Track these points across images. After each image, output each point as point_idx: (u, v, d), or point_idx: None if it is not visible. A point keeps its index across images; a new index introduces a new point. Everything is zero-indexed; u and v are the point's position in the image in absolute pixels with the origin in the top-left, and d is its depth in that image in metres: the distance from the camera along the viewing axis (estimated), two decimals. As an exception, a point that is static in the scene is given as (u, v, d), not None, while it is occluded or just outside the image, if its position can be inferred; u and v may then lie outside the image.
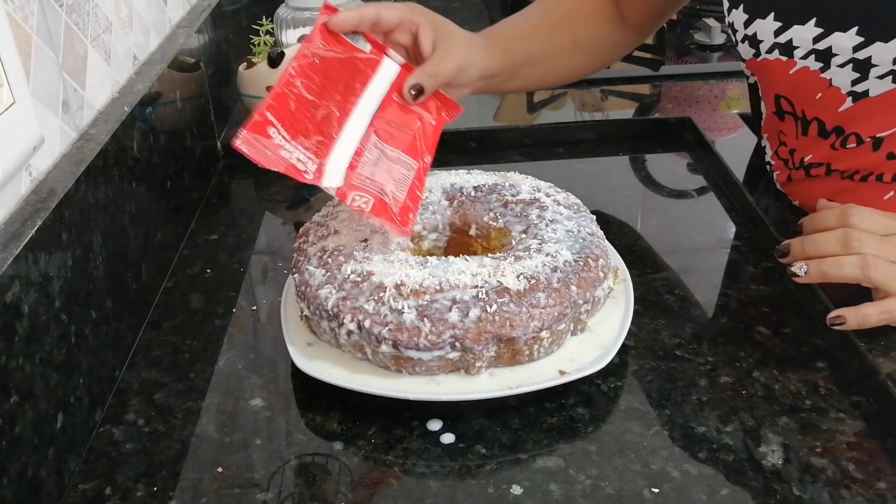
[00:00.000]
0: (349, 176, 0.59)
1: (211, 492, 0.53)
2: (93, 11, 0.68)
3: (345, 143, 0.60)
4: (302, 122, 0.59)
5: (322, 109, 0.60)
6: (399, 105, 0.64)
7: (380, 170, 0.60)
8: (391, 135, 0.62)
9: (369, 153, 0.61)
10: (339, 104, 0.61)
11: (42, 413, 0.51)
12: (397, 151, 0.62)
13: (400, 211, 0.60)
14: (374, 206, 0.59)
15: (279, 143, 0.57)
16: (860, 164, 0.68)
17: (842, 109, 0.66)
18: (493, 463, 0.55)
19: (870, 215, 0.60)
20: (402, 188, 0.61)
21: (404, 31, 0.66)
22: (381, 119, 0.63)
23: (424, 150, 0.64)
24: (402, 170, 0.61)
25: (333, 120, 0.60)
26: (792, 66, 0.67)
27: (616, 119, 1.02)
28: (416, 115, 0.65)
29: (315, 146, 0.59)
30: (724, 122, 1.00)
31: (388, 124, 0.63)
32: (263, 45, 0.97)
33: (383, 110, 0.63)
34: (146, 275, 0.70)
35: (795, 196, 0.77)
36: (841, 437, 0.56)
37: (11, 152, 0.52)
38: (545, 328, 0.57)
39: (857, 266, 0.58)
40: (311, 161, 0.58)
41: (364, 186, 0.59)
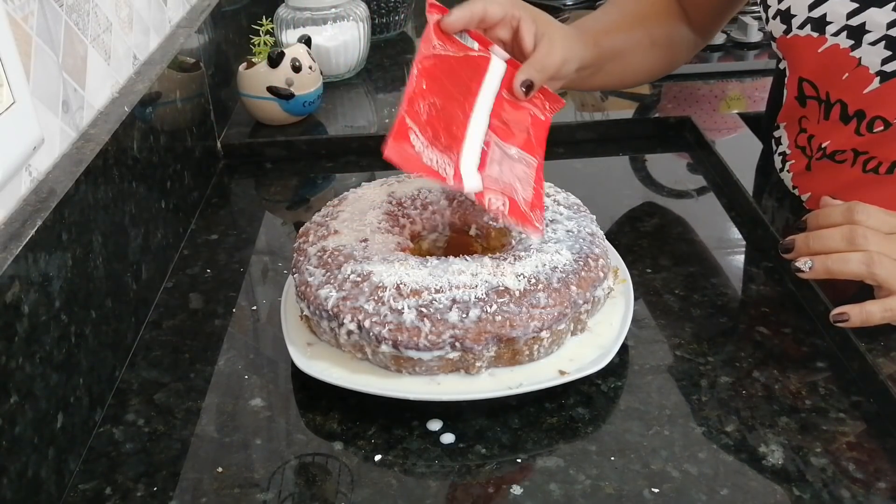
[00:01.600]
0: (482, 179, 0.58)
1: (211, 492, 0.53)
2: (93, 11, 0.68)
3: (471, 144, 0.59)
4: (432, 124, 0.58)
5: (446, 110, 0.59)
6: (509, 102, 0.63)
7: (505, 169, 0.60)
8: (508, 132, 0.62)
9: (493, 153, 0.60)
10: (460, 104, 0.60)
11: (42, 413, 0.51)
12: (516, 149, 0.61)
13: (532, 208, 0.59)
14: (510, 207, 0.58)
15: (420, 149, 0.56)
16: (884, 155, 0.67)
17: (867, 91, 0.65)
18: (493, 463, 0.55)
19: (875, 213, 0.60)
20: (527, 187, 0.60)
21: (506, 26, 0.66)
22: (496, 117, 0.62)
23: (539, 147, 0.63)
24: (524, 168, 0.61)
25: (458, 120, 0.59)
26: (822, 43, 0.67)
27: (616, 119, 1.02)
28: (527, 111, 0.64)
29: (445, 148, 0.58)
30: (724, 122, 1.00)
31: (504, 122, 0.62)
32: (263, 45, 0.97)
33: (498, 108, 0.62)
34: (146, 275, 0.70)
35: (807, 188, 0.77)
36: (841, 437, 0.56)
37: (11, 152, 0.52)
38: (545, 328, 0.57)
39: (861, 263, 0.58)
40: (448, 164, 0.57)
41: (495, 187, 0.58)
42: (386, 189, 0.70)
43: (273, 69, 0.95)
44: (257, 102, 0.97)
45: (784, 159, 0.80)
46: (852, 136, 0.68)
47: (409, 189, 0.70)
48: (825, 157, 0.72)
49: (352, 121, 1.02)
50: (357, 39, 1.11)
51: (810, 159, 0.75)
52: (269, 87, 0.95)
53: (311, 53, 1.00)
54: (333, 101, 1.07)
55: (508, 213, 0.58)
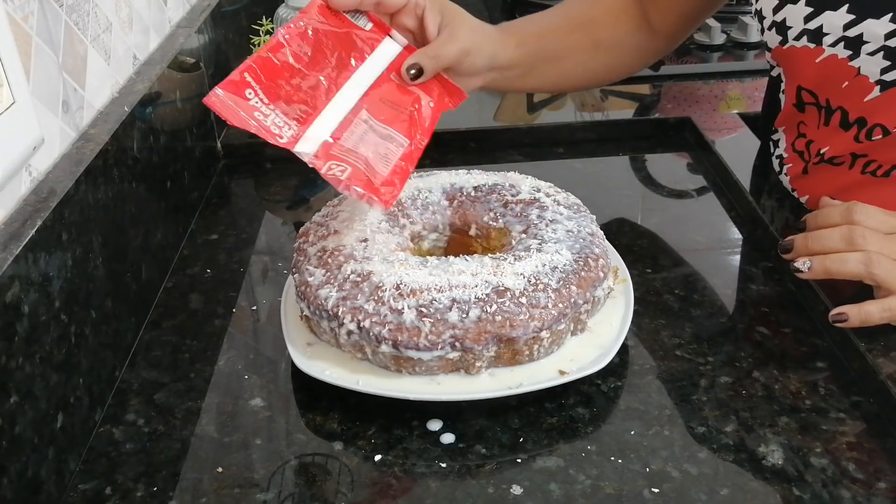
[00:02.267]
0: (329, 146, 0.58)
1: (211, 492, 0.53)
2: (93, 11, 0.68)
3: (330, 115, 0.60)
4: (285, 88, 0.58)
5: (310, 79, 0.59)
6: (397, 85, 0.63)
7: (365, 144, 0.60)
8: (383, 112, 0.62)
9: (356, 127, 0.60)
10: (329, 76, 0.60)
11: (42, 413, 0.51)
12: (388, 128, 0.61)
13: (381, 183, 0.58)
14: (350, 174, 0.57)
15: (255, 104, 0.57)
16: (885, 158, 0.67)
17: (867, 99, 0.65)
18: (493, 463, 0.55)
19: (874, 213, 0.60)
20: (386, 163, 0.60)
21: (410, 14, 0.65)
22: (374, 96, 0.62)
23: (419, 131, 0.62)
24: (389, 146, 0.60)
25: (321, 91, 0.60)
26: (819, 53, 0.66)
27: (616, 119, 1.02)
28: (414, 96, 0.64)
29: (298, 114, 0.58)
30: (724, 122, 1.00)
31: (382, 101, 0.62)
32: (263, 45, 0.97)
33: (378, 87, 0.62)
34: (146, 275, 0.70)
35: (806, 191, 0.77)
36: (841, 437, 0.56)
37: (11, 152, 0.51)
38: (545, 328, 0.57)
39: (860, 263, 0.58)
40: (289, 127, 0.58)
41: (343, 157, 0.58)
42: (386, 189, 0.70)
43: (273, 69, 0.95)
44: (257, 102, 0.97)
45: (781, 162, 0.80)
46: (852, 143, 0.68)
47: (409, 189, 0.70)
48: (823, 161, 0.72)
49: (352, 121, 1.02)
50: (357, 39, 1.11)
51: (807, 163, 0.75)
52: None
53: (311, 53, 0.99)
54: (333, 101, 1.07)
55: (346, 179, 0.57)
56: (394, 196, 0.58)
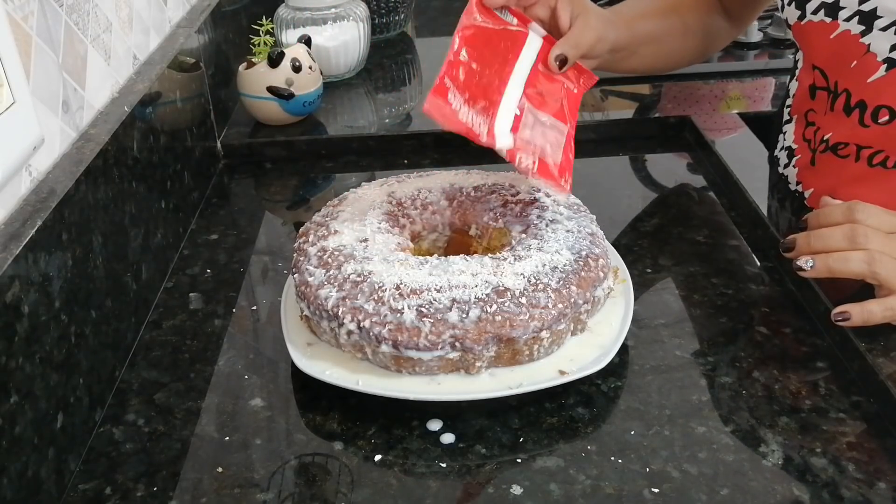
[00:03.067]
0: (515, 140, 0.63)
1: (211, 492, 0.53)
2: (93, 11, 0.68)
3: (506, 108, 0.64)
4: (470, 87, 0.62)
5: (484, 77, 0.64)
6: (544, 75, 0.68)
7: (536, 134, 0.65)
8: (542, 102, 0.67)
9: (526, 118, 0.65)
10: (497, 72, 0.65)
11: (42, 413, 0.51)
12: (549, 116, 0.67)
13: (559, 172, 0.65)
14: (538, 166, 0.63)
15: (456, 107, 0.61)
16: (893, 148, 0.67)
17: (871, 80, 0.66)
18: (493, 463, 0.55)
19: (876, 212, 0.60)
20: (557, 150, 0.66)
21: (544, 6, 0.70)
22: (531, 87, 0.67)
23: (570, 116, 0.69)
24: (555, 133, 0.66)
25: (494, 87, 0.64)
26: (834, 28, 0.68)
27: (616, 119, 1.02)
28: (560, 84, 0.69)
29: (482, 109, 0.62)
30: (724, 122, 1.00)
31: (538, 92, 0.67)
32: (263, 45, 0.97)
33: (533, 80, 0.67)
34: (146, 275, 0.70)
35: (811, 184, 0.77)
36: (841, 437, 0.56)
37: (11, 152, 0.51)
38: (545, 328, 0.57)
39: (862, 262, 0.58)
40: (483, 124, 0.62)
41: (527, 149, 0.64)
42: (386, 189, 0.70)
43: (273, 69, 0.95)
44: (257, 102, 0.97)
45: (790, 153, 0.80)
46: (855, 128, 0.69)
47: (409, 189, 0.70)
48: (828, 149, 0.72)
49: (352, 121, 1.02)
50: (357, 39, 1.11)
51: (814, 153, 0.75)
52: (269, 87, 0.95)
53: (311, 53, 1.00)
54: (333, 101, 1.07)
55: (537, 171, 0.63)
56: (570, 182, 0.66)
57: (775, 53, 1.18)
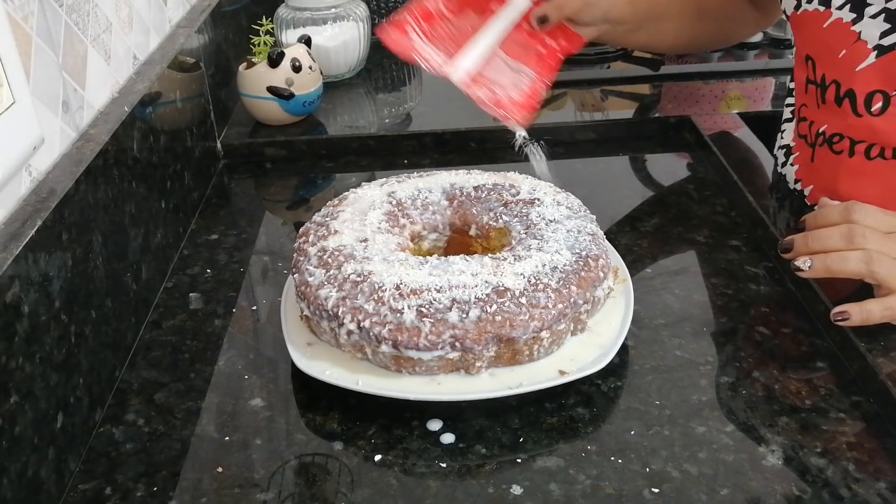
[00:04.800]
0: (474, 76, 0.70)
1: (211, 492, 0.53)
2: (93, 11, 0.68)
3: (474, 52, 0.70)
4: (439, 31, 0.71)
5: (457, 24, 0.71)
6: (528, 31, 0.74)
7: (503, 76, 0.71)
8: (516, 53, 0.73)
9: (495, 63, 0.72)
10: (472, 22, 0.72)
11: (42, 413, 0.51)
12: (519, 64, 0.73)
13: (515, 105, 0.70)
14: (492, 99, 0.69)
15: (416, 39, 0.69)
16: (887, 140, 0.67)
17: (860, 68, 0.67)
18: (493, 463, 0.55)
19: (872, 212, 0.60)
20: (518, 90, 0.72)
21: None
22: (508, 39, 0.73)
23: (547, 68, 0.74)
24: (522, 78, 0.72)
25: (468, 34, 0.71)
26: (827, 17, 0.68)
27: (616, 119, 1.02)
28: (540, 40, 0.75)
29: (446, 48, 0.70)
30: (724, 122, 1.00)
31: (515, 44, 0.73)
32: (263, 45, 0.97)
33: (514, 34, 0.73)
34: (146, 275, 0.70)
35: (810, 181, 0.77)
36: (841, 437, 0.56)
37: (11, 152, 0.51)
38: (545, 328, 0.57)
39: (861, 261, 0.58)
40: (441, 57, 0.69)
41: (485, 84, 0.70)
42: (386, 189, 0.70)
43: (273, 69, 0.95)
44: (257, 102, 0.97)
45: (788, 152, 0.81)
46: (847, 118, 0.69)
47: (409, 189, 0.70)
48: (825, 142, 0.73)
49: (352, 121, 1.02)
50: (357, 39, 1.11)
51: (813, 148, 0.75)
52: (269, 87, 0.95)
53: (311, 53, 1.00)
54: (333, 101, 1.07)
55: (491, 102, 0.69)
56: (528, 116, 0.71)
57: (775, 53, 1.18)
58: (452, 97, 1.10)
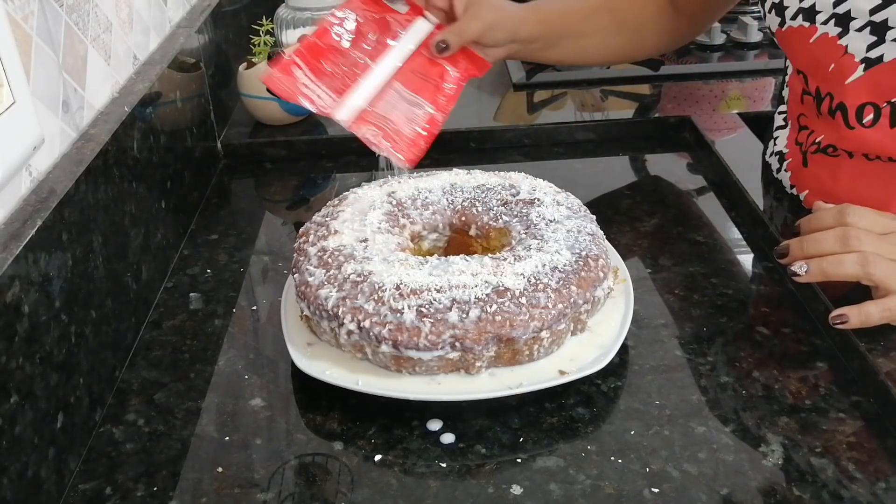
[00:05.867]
0: (364, 113, 0.67)
1: (211, 492, 0.53)
2: (93, 11, 0.68)
3: (367, 87, 0.68)
4: (328, 67, 0.68)
5: (351, 59, 0.69)
6: (428, 59, 0.71)
7: (395, 111, 0.68)
8: (414, 83, 0.70)
9: (389, 96, 0.69)
10: (368, 55, 0.69)
11: (42, 413, 0.51)
12: (416, 96, 0.70)
13: (405, 143, 0.67)
14: (382, 136, 0.66)
15: (303, 82, 0.66)
16: (877, 148, 0.67)
17: (849, 81, 0.66)
18: (493, 463, 0.55)
19: (867, 214, 0.60)
20: (411, 125, 0.68)
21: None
22: (406, 69, 0.70)
23: (446, 98, 0.71)
24: (417, 111, 0.69)
25: (360, 68, 0.69)
26: (813, 33, 0.68)
27: (616, 119, 1.02)
28: (441, 69, 0.72)
29: (339, 88, 0.67)
30: (724, 122, 1.00)
31: (413, 74, 0.70)
32: (263, 45, 0.97)
33: (413, 63, 0.71)
34: (146, 275, 0.70)
35: (805, 185, 0.77)
36: (841, 437, 0.56)
37: (11, 152, 0.51)
38: (545, 328, 0.57)
39: (857, 263, 0.58)
40: (329, 97, 0.67)
41: (375, 122, 0.67)
42: (386, 189, 0.70)
43: (273, 69, 0.95)
44: (257, 102, 0.97)
45: (781, 158, 0.80)
46: (840, 130, 0.69)
47: (409, 189, 0.70)
48: (819, 150, 0.73)
49: (352, 121, 1.02)
50: (357, 39, 1.11)
51: (805, 155, 0.75)
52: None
53: (311, 53, 0.99)
54: (333, 101, 1.07)
55: (378, 142, 0.66)
56: (417, 155, 0.67)
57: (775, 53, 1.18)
58: (452, 97, 1.10)
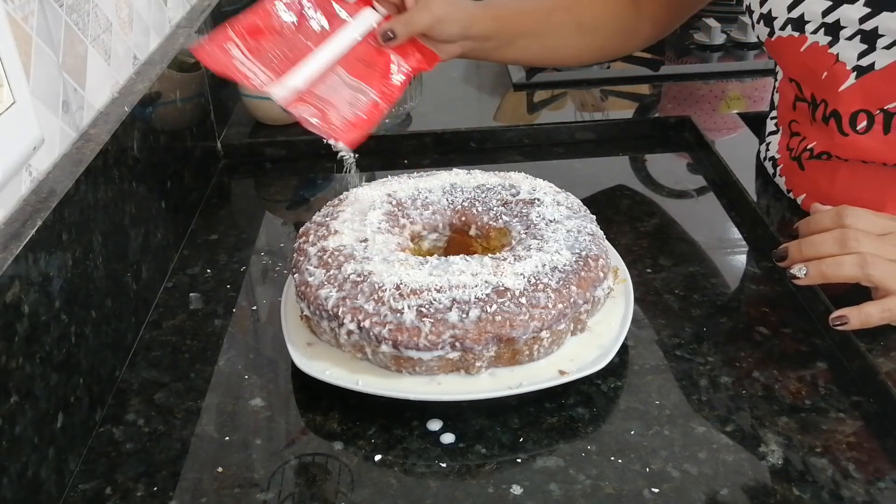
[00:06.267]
0: (303, 94, 0.66)
1: (211, 492, 0.53)
2: (93, 11, 0.68)
3: (308, 69, 0.67)
4: (269, 48, 0.67)
5: (291, 43, 0.68)
6: (375, 49, 0.71)
7: (336, 94, 0.68)
8: (358, 70, 0.70)
9: (330, 80, 0.68)
10: (310, 39, 0.69)
11: (42, 413, 0.51)
12: (359, 82, 0.69)
13: (344, 125, 0.67)
14: (319, 117, 0.66)
15: (237, 56, 0.65)
16: (871, 154, 0.67)
17: (842, 88, 0.66)
18: (493, 463, 0.55)
19: (864, 215, 0.60)
20: (351, 109, 0.68)
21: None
22: (351, 56, 0.70)
23: (391, 87, 0.71)
24: (358, 96, 0.69)
25: (303, 51, 0.68)
26: (803, 42, 0.68)
27: (616, 119, 1.02)
28: (388, 58, 0.72)
29: (272, 66, 0.66)
30: (724, 122, 1.00)
31: (358, 61, 0.70)
32: (263, 45, 0.97)
33: (359, 51, 0.70)
34: (146, 275, 0.70)
35: (802, 189, 0.77)
36: (841, 437, 0.56)
37: (11, 152, 0.52)
38: (545, 328, 0.57)
39: (856, 265, 0.58)
40: (266, 75, 0.66)
41: (314, 103, 0.67)
42: (386, 189, 0.70)
43: (273, 69, 0.95)
44: (257, 102, 0.97)
45: (774, 164, 0.80)
46: (834, 137, 0.69)
47: (409, 189, 0.70)
48: (812, 157, 0.73)
49: (352, 121, 1.02)
50: (357, 39, 1.11)
51: (799, 160, 0.75)
52: None
53: (311, 53, 0.99)
54: (333, 101, 1.07)
55: (316, 121, 0.66)
56: (357, 138, 0.67)
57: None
58: (453, 97, 1.10)
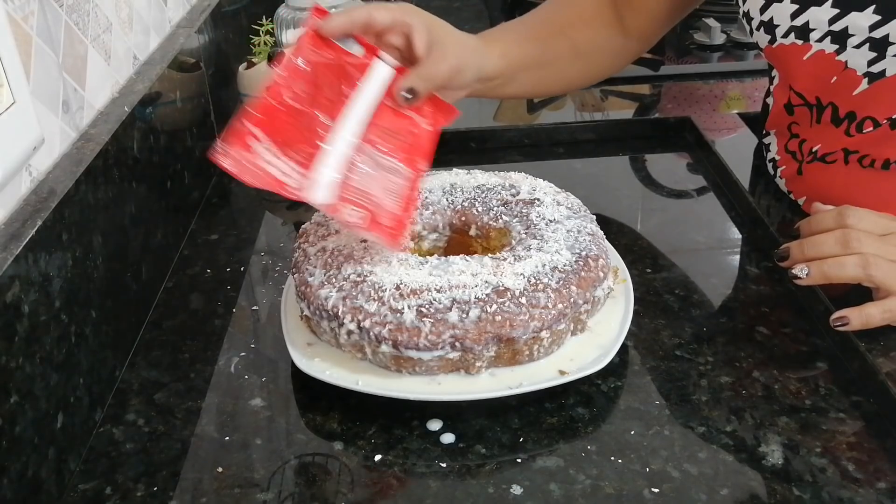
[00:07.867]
0: (340, 188, 0.57)
1: (211, 492, 0.53)
2: (93, 11, 0.68)
3: (335, 153, 0.58)
4: (289, 132, 0.56)
5: (309, 118, 0.58)
6: (392, 110, 0.62)
7: (373, 182, 0.59)
8: (385, 142, 0.60)
9: (363, 164, 0.59)
10: (327, 110, 0.59)
11: (42, 413, 0.51)
12: (391, 160, 0.60)
13: (394, 224, 0.58)
14: (367, 220, 0.57)
15: (262, 154, 0.55)
16: (877, 153, 0.67)
17: (856, 93, 0.66)
18: (493, 463, 0.55)
19: (866, 215, 0.60)
20: (393, 198, 0.59)
21: (397, 34, 0.63)
22: (374, 126, 0.60)
23: (419, 157, 0.62)
24: (395, 179, 0.60)
25: (321, 128, 0.58)
26: (807, 50, 0.67)
27: (616, 119, 1.02)
28: (409, 120, 0.62)
29: (303, 157, 0.56)
30: (724, 122, 1.00)
31: (382, 131, 0.61)
32: (263, 45, 0.97)
33: (377, 117, 0.61)
34: (146, 275, 0.70)
35: (802, 192, 0.77)
36: (841, 437, 0.56)
37: (11, 152, 0.52)
38: (545, 328, 0.57)
39: (857, 265, 0.58)
40: (297, 172, 0.56)
41: (357, 200, 0.57)
42: (386, 189, 0.70)
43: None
44: (257, 102, 0.97)
45: (775, 165, 0.80)
46: (843, 137, 0.69)
47: (409, 189, 0.70)
48: (816, 160, 0.72)
49: (352, 121, 1.02)
50: (357, 39, 1.11)
51: (801, 163, 0.75)
52: None
53: (311, 53, 0.99)
54: (333, 101, 1.07)
55: (367, 227, 0.57)
56: (406, 234, 0.59)
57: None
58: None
